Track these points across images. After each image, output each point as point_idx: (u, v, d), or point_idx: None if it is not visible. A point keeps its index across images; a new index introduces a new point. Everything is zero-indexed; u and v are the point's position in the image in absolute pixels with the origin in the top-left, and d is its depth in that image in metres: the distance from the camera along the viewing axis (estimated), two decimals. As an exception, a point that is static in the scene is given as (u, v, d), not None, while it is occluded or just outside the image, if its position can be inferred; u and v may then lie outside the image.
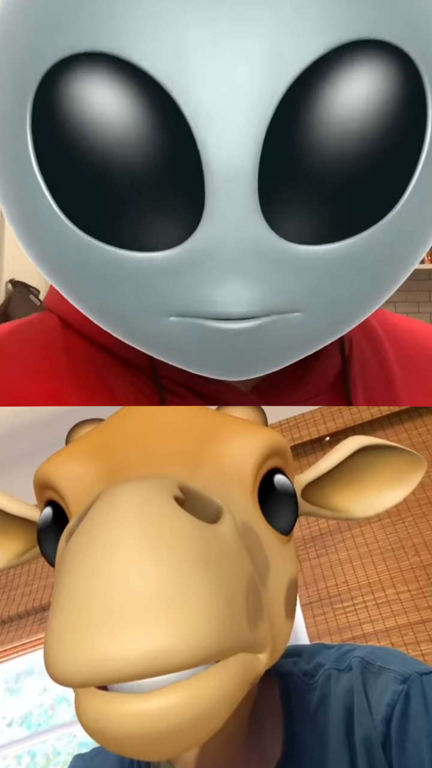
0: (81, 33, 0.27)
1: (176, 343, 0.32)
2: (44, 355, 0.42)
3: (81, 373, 0.41)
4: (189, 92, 0.26)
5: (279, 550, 0.32)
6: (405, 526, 1.53)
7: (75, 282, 0.32)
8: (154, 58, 0.26)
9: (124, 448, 0.32)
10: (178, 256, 0.29)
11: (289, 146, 0.27)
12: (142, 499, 0.22)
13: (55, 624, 0.21)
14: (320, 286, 0.31)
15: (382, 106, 0.28)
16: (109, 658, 0.20)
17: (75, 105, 0.27)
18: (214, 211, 0.28)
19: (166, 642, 0.20)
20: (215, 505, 0.26)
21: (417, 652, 1.29)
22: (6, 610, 1.76)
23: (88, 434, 0.35)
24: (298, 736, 0.40)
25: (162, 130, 0.27)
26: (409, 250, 0.32)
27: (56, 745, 1.73)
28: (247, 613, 0.24)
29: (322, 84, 0.27)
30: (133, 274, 0.30)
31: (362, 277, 0.31)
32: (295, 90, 0.26)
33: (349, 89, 0.27)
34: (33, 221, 0.31)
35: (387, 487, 0.44)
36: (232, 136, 0.27)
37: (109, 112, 0.27)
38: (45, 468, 0.33)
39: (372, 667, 0.41)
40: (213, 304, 0.30)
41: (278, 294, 0.30)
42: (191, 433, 0.33)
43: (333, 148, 0.27)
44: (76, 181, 0.28)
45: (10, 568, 0.42)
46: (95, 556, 0.21)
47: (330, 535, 1.59)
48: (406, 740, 0.36)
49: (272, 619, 0.29)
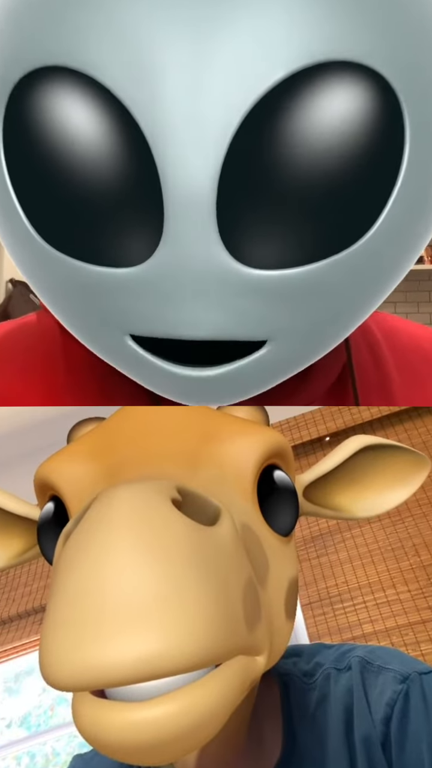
0: (46, 47, 0.27)
1: (137, 365, 0.32)
2: (41, 355, 0.42)
3: (77, 374, 0.41)
4: (149, 111, 0.26)
5: (279, 550, 0.32)
6: (405, 527, 1.53)
7: (45, 291, 0.33)
8: (117, 76, 0.26)
9: (124, 448, 0.32)
10: (137, 275, 0.29)
11: (250, 170, 0.26)
12: (138, 501, 0.22)
13: (50, 627, 0.21)
14: (285, 313, 0.30)
15: (352, 130, 0.26)
16: (103, 662, 0.20)
17: (42, 117, 0.27)
18: (172, 233, 0.27)
19: (160, 646, 0.20)
20: (213, 507, 0.26)
21: (417, 652, 1.29)
22: (6, 611, 1.76)
23: (88, 434, 0.35)
24: (298, 736, 0.40)
25: (123, 148, 0.26)
26: (378, 277, 0.31)
27: (56, 746, 1.73)
28: (244, 616, 0.24)
29: (286, 107, 0.26)
30: (96, 289, 0.30)
31: (330, 303, 0.30)
32: (257, 113, 0.26)
33: (315, 113, 0.26)
34: (7, 227, 0.31)
35: (390, 487, 0.43)
36: (190, 158, 0.26)
37: (73, 127, 0.27)
38: (45, 468, 0.33)
39: (371, 667, 0.41)
40: (171, 325, 0.29)
41: (238, 320, 0.29)
42: (191, 433, 0.33)
43: (296, 173, 0.26)
44: (40, 191, 0.28)
45: (11, 567, 0.42)
46: (90, 560, 0.21)
47: (330, 535, 1.59)
48: (405, 740, 0.36)
49: (271, 621, 0.29)
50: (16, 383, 0.40)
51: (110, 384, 0.41)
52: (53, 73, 0.27)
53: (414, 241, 0.31)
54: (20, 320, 0.45)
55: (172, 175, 0.26)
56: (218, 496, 0.29)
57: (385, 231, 0.29)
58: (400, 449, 0.43)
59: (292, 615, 0.32)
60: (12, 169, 0.29)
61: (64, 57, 0.26)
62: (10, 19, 0.28)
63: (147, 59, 0.25)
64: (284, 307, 0.30)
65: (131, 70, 0.26)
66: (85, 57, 0.26)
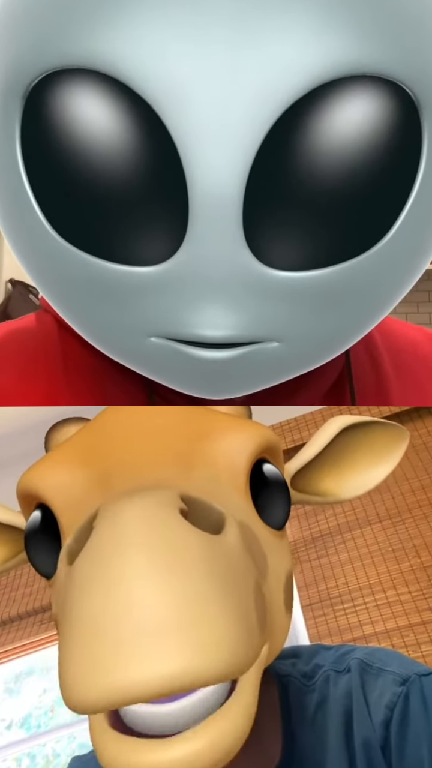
0: (73, 47, 0.27)
1: (155, 363, 0.32)
2: (40, 356, 0.42)
3: (75, 375, 0.41)
4: (178, 114, 0.26)
5: (275, 545, 0.32)
6: (405, 528, 1.53)
7: (60, 293, 0.32)
8: (146, 80, 0.26)
9: (113, 452, 0.31)
10: (158, 274, 0.29)
11: (276, 175, 0.27)
12: (149, 516, 0.22)
13: (72, 652, 0.21)
14: (301, 315, 0.30)
15: (374, 137, 0.27)
16: (137, 679, 0.20)
17: (64, 117, 0.27)
18: (196, 233, 0.28)
19: (189, 662, 0.20)
20: (217, 513, 0.26)
21: (417, 653, 1.29)
22: (6, 611, 1.76)
23: (72, 438, 0.34)
24: (297, 738, 0.39)
25: (149, 149, 0.27)
26: (394, 281, 0.32)
27: (56, 747, 1.73)
28: (258, 622, 0.24)
29: (313, 115, 0.26)
30: (115, 288, 0.30)
31: (345, 307, 0.31)
32: (286, 120, 0.26)
33: (341, 121, 0.27)
34: (20, 225, 0.31)
35: (373, 464, 0.43)
36: (218, 162, 0.26)
37: (98, 128, 0.27)
38: (29, 477, 0.32)
39: (371, 669, 0.41)
40: (190, 326, 0.30)
41: (257, 321, 0.30)
42: (180, 433, 0.32)
43: (321, 178, 0.27)
44: (61, 190, 0.28)
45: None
46: (110, 581, 0.21)
47: (330, 536, 1.59)
48: (405, 743, 0.36)
49: (272, 615, 0.29)
50: (15, 383, 0.40)
51: (109, 384, 0.41)
52: (78, 73, 0.27)
53: (429, 245, 0.32)
54: (20, 320, 0.45)
55: (200, 177, 0.27)
56: (217, 497, 0.28)
57: (403, 234, 0.30)
58: (379, 424, 0.43)
59: (289, 609, 0.32)
60: (30, 166, 0.29)
61: (90, 59, 0.26)
62: (30, 14, 0.28)
63: (176, 65, 0.26)
64: (302, 310, 0.30)
65: (160, 75, 0.26)
66: (114, 60, 0.26)
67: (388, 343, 0.47)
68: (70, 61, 0.27)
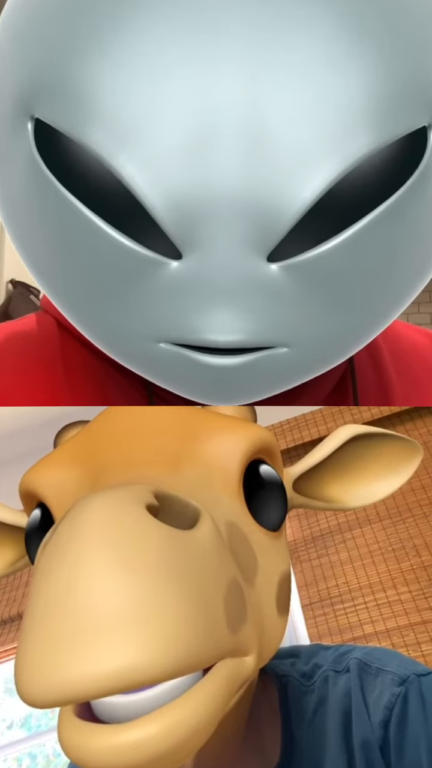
0: (69, 120, 0.28)
1: (163, 369, 0.32)
2: (40, 356, 0.42)
3: (75, 376, 0.41)
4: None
5: (268, 546, 0.32)
6: (405, 527, 1.53)
7: (68, 293, 0.32)
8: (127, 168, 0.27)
9: (107, 452, 0.32)
10: (169, 275, 0.29)
11: None
12: (111, 509, 0.21)
13: (23, 645, 0.21)
14: (311, 318, 0.30)
15: (389, 164, 0.30)
16: (79, 676, 0.19)
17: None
18: (205, 235, 0.28)
19: (135, 657, 0.19)
20: (192, 509, 0.26)
21: (417, 653, 1.29)
22: (6, 611, 1.76)
23: (71, 439, 0.35)
24: (296, 739, 0.39)
25: None
26: (397, 285, 0.32)
27: (56, 747, 1.73)
28: (226, 618, 0.24)
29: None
30: (132, 279, 0.30)
31: (353, 307, 0.31)
32: None
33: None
34: (45, 218, 0.31)
35: (382, 476, 0.43)
36: (231, 167, 0.27)
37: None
38: (29, 476, 0.33)
39: (370, 669, 0.41)
40: (200, 331, 0.30)
41: (268, 326, 0.30)
42: (174, 433, 0.32)
43: (332, 193, 0.29)
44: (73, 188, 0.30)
45: (4, 576, 0.42)
46: (62, 572, 0.21)
47: (330, 535, 1.59)
48: (404, 744, 0.36)
49: (261, 618, 0.28)
50: (16, 383, 0.40)
51: (109, 385, 0.41)
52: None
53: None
54: (20, 321, 0.45)
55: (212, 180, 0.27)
56: (201, 496, 0.28)
57: (405, 198, 0.31)
58: (391, 437, 0.42)
59: (284, 610, 0.32)
60: (42, 150, 0.30)
61: (84, 136, 0.28)
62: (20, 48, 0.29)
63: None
64: (312, 312, 0.30)
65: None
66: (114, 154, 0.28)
67: (390, 346, 0.47)
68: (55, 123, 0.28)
